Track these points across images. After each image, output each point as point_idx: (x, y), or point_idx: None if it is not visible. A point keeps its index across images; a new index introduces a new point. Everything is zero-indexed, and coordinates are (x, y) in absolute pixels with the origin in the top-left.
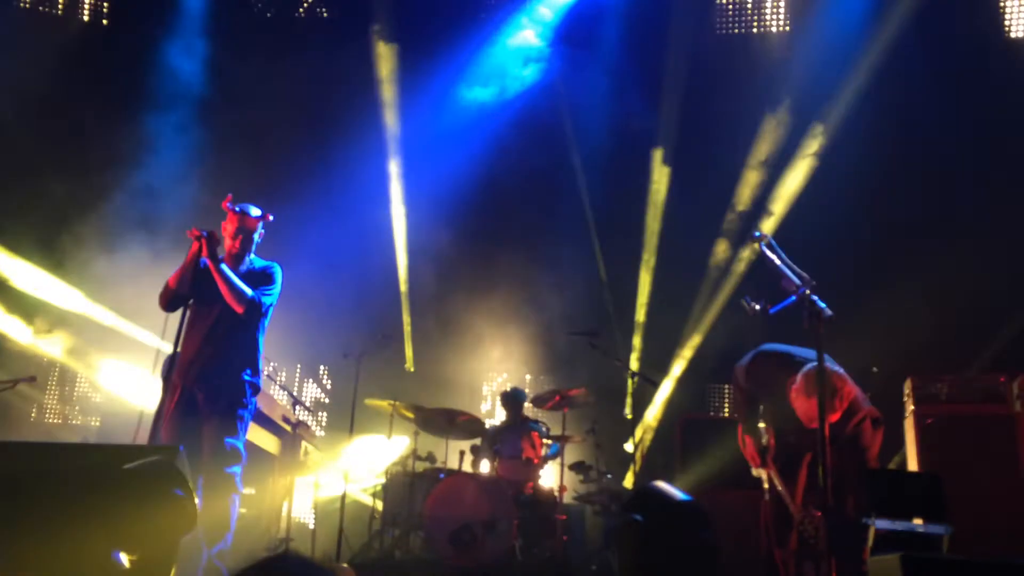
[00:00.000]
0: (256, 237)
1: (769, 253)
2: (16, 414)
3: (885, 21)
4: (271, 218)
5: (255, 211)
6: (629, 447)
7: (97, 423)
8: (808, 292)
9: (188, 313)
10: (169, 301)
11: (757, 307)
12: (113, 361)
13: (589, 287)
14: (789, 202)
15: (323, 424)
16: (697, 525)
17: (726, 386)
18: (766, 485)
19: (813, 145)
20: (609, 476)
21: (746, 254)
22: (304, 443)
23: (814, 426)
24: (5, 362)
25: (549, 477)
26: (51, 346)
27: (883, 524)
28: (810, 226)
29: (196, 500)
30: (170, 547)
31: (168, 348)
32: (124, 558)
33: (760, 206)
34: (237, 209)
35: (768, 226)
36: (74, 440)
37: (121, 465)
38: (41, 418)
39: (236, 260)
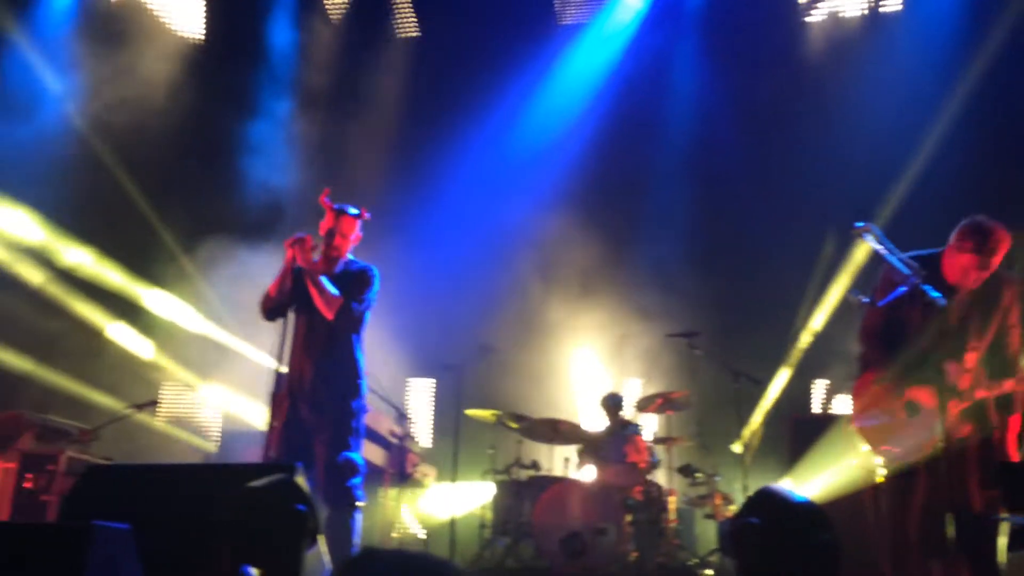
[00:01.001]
0: (353, 237)
1: (874, 243)
2: (139, 437)
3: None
4: (368, 216)
5: (353, 210)
6: (737, 448)
7: (215, 444)
8: (919, 282)
9: (291, 325)
10: (269, 310)
11: (864, 301)
12: (227, 380)
13: (691, 287)
14: (902, 189)
15: (429, 436)
16: (816, 526)
17: (835, 382)
18: (880, 479)
19: (927, 128)
20: (718, 478)
21: (861, 247)
22: (411, 455)
23: (966, 283)
24: (127, 386)
25: (657, 481)
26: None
27: (1018, 519)
28: (923, 211)
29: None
30: (295, 562)
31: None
32: (253, 572)
33: (874, 194)
34: (336, 207)
35: (881, 217)
36: (196, 461)
37: (245, 483)
38: (162, 440)
39: (332, 260)
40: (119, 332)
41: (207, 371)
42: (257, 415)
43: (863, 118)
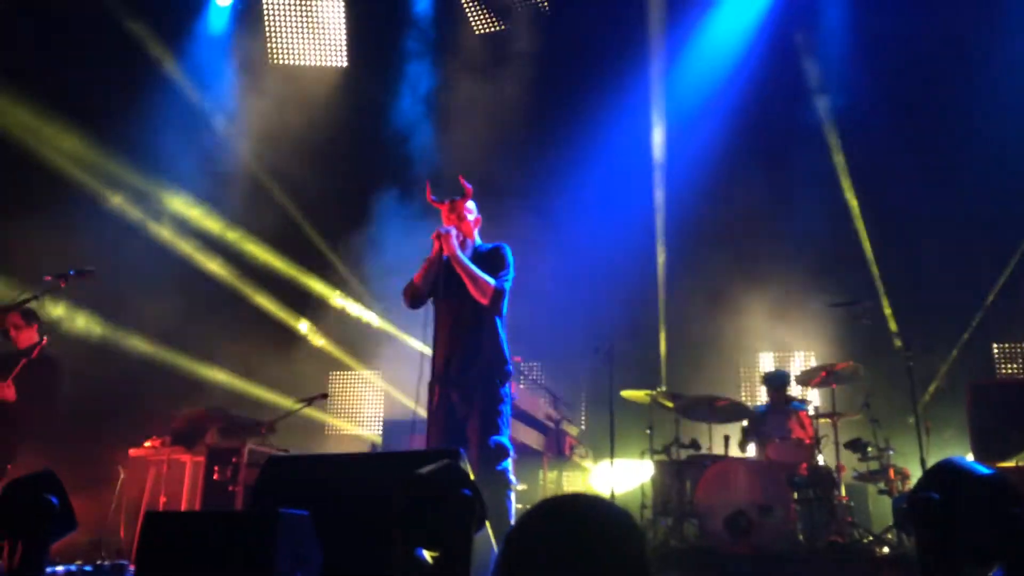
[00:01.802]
0: (473, 219)
1: None
2: (311, 428)
3: None
4: (470, 188)
5: (458, 195)
6: (910, 419)
7: (379, 433)
8: None
9: (434, 313)
10: (413, 298)
11: None
12: (388, 370)
13: (854, 255)
14: None
15: (584, 418)
16: (1005, 500)
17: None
18: None
19: None
20: (891, 452)
21: None
22: (568, 437)
23: None
24: (298, 380)
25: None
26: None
27: None
28: None
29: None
30: (465, 545)
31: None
32: (427, 555)
33: None
34: (446, 200)
35: None
36: (363, 449)
37: (412, 470)
38: (331, 430)
39: (464, 246)
40: (290, 327)
41: (370, 361)
42: (416, 403)
43: None
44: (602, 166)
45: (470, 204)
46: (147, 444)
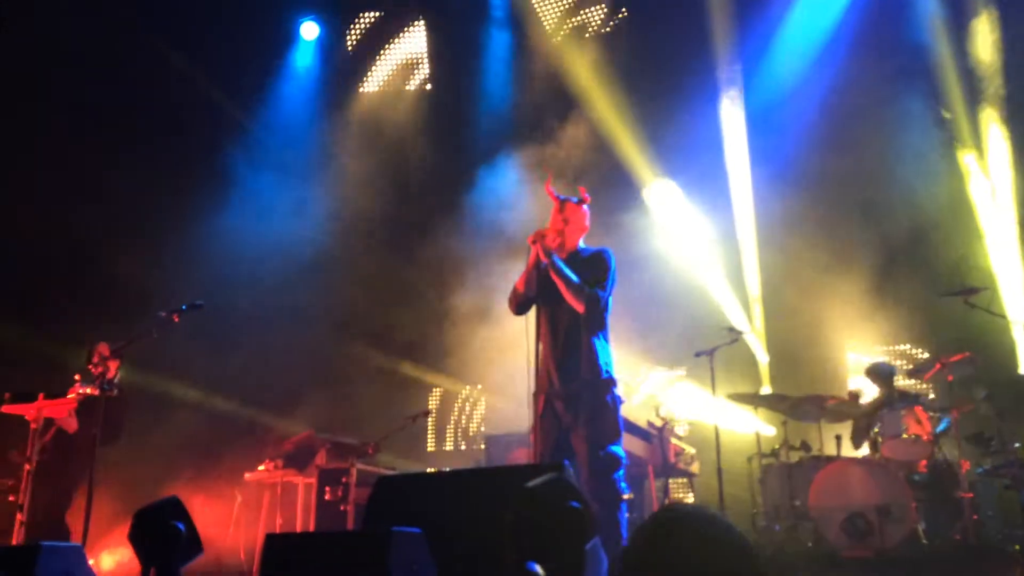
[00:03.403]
0: (580, 226)
1: None
2: (416, 445)
3: None
4: (588, 198)
5: (575, 198)
6: None
7: (483, 448)
8: None
9: (536, 322)
10: (518, 304)
11: None
12: (489, 384)
13: (965, 242)
14: None
15: (687, 423)
16: None
17: None
18: None
19: None
20: (1017, 445)
21: None
22: (672, 444)
23: None
24: (403, 397)
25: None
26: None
27: None
28: None
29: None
30: (577, 558)
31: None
32: (539, 568)
33: None
34: (562, 197)
35: None
36: (466, 465)
37: (519, 484)
38: (436, 447)
39: (562, 250)
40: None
41: (470, 377)
42: (518, 416)
43: None
44: (692, 166)
45: (583, 211)
46: (261, 468)
